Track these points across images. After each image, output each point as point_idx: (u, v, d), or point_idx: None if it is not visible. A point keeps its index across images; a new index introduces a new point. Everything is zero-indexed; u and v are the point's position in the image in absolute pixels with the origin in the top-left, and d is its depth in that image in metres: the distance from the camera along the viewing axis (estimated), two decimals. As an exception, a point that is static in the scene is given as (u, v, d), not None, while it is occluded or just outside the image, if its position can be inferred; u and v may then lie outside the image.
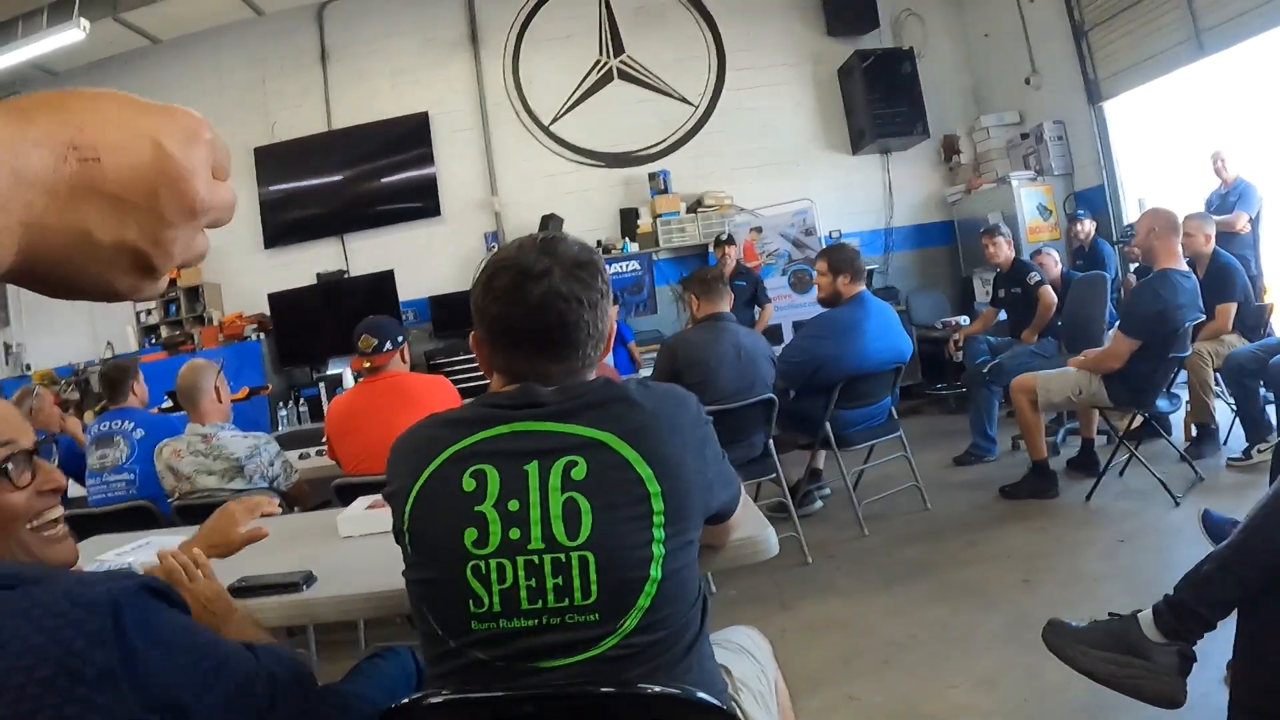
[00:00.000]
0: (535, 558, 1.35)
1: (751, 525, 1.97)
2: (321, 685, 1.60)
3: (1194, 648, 2.23)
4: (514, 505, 1.37)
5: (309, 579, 2.07)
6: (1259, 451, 5.05)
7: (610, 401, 1.46)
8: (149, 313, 9.59)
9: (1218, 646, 2.28)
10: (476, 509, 1.37)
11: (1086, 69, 8.68)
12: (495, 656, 1.38)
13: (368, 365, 3.85)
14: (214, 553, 1.91)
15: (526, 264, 1.49)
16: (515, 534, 1.36)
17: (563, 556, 1.35)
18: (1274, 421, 5.05)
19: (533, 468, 1.38)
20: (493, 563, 1.35)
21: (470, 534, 1.37)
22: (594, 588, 1.35)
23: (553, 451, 1.40)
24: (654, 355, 5.66)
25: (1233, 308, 5.55)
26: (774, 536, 1.98)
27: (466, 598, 1.37)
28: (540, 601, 1.35)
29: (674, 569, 1.41)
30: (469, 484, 1.39)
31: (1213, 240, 5.68)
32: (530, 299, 1.47)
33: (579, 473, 1.38)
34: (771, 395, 4.66)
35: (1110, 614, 2.40)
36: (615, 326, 1.62)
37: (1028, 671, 3.09)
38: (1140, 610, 2.33)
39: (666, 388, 1.54)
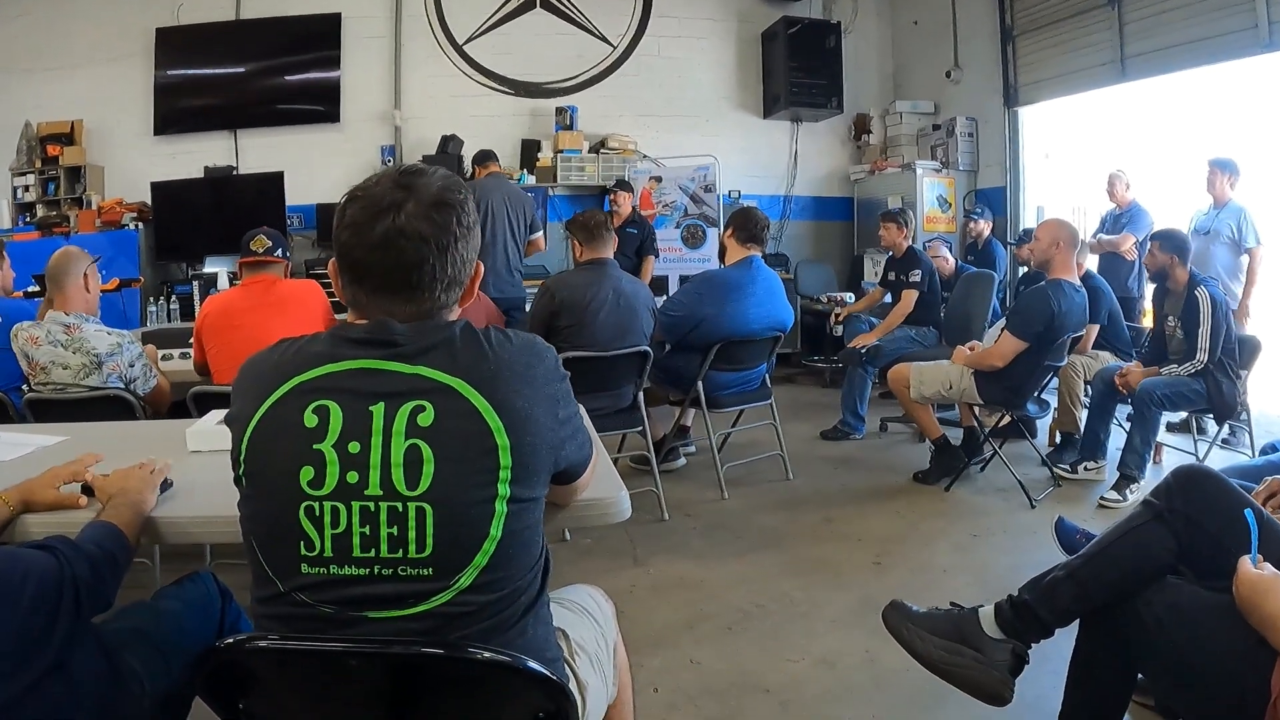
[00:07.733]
0: (371, 504, 1.30)
1: (605, 486, 1.91)
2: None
3: (1029, 650, 2.21)
4: (354, 447, 1.32)
5: (165, 485, 1.96)
6: (1085, 469, 5.20)
7: (465, 346, 1.40)
8: (27, 189, 8.93)
9: (1058, 652, 2.26)
10: (315, 447, 1.32)
11: (1008, 72, 8.76)
12: (323, 601, 1.33)
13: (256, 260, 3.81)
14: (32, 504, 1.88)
15: (377, 196, 1.41)
16: (353, 477, 1.31)
17: (399, 506, 1.30)
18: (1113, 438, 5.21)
19: (378, 410, 1.33)
20: (327, 505, 1.31)
21: (307, 473, 1.31)
22: (429, 541, 1.31)
23: (400, 394, 1.34)
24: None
25: (1095, 329, 5.65)
26: (627, 500, 1.92)
27: (298, 539, 1.32)
28: (373, 550, 1.31)
29: (515, 529, 1.38)
30: (310, 420, 1.33)
31: (1084, 266, 5.71)
32: (373, 234, 1.39)
33: (425, 419, 1.33)
34: (646, 348, 4.60)
35: (952, 604, 2.38)
36: (481, 270, 1.54)
37: (869, 653, 3.13)
38: (982, 606, 2.30)
39: (526, 339, 1.49)
